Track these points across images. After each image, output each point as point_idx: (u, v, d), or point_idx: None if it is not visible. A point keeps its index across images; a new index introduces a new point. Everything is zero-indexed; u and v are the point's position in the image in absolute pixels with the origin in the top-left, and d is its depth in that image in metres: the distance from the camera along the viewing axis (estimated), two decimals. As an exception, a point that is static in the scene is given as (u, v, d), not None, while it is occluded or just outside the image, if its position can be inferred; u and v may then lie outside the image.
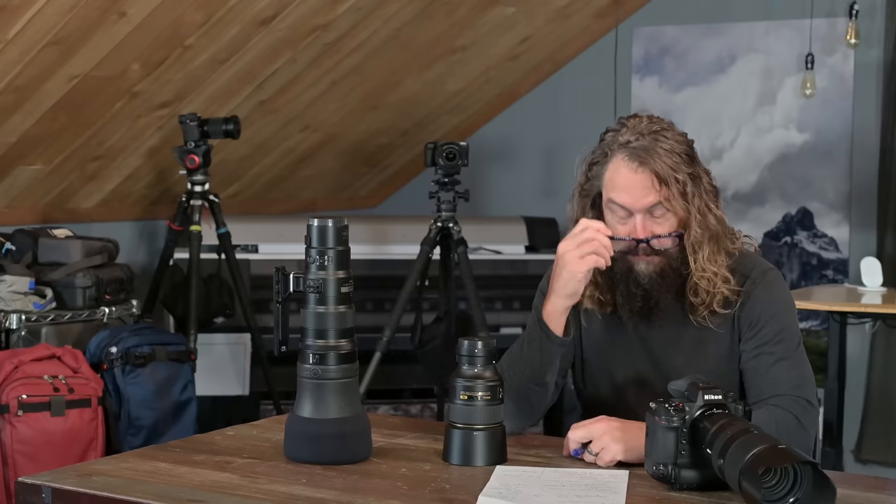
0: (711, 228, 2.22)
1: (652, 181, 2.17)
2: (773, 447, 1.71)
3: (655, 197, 2.18)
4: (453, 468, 2.02)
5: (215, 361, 4.52)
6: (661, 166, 2.17)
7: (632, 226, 2.20)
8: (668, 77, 5.31)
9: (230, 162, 4.91)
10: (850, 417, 4.64)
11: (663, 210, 2.19)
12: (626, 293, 2.22)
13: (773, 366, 2.18)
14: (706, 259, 2.20)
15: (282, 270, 2.05)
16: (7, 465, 3.45)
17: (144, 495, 1.81)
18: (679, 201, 2.18)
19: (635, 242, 2.19)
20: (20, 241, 4.00)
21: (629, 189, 2.18)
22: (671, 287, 2.21)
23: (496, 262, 4.95)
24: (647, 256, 2.20)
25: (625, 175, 2.19)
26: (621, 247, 2.21)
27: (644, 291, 2.20)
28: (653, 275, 2.20)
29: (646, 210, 2.19)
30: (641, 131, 2.20)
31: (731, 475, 1.74)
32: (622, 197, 2.19)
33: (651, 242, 2.19)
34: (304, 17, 4.15)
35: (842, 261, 4.98)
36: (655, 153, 2.17)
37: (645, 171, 2.17)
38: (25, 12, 3.43)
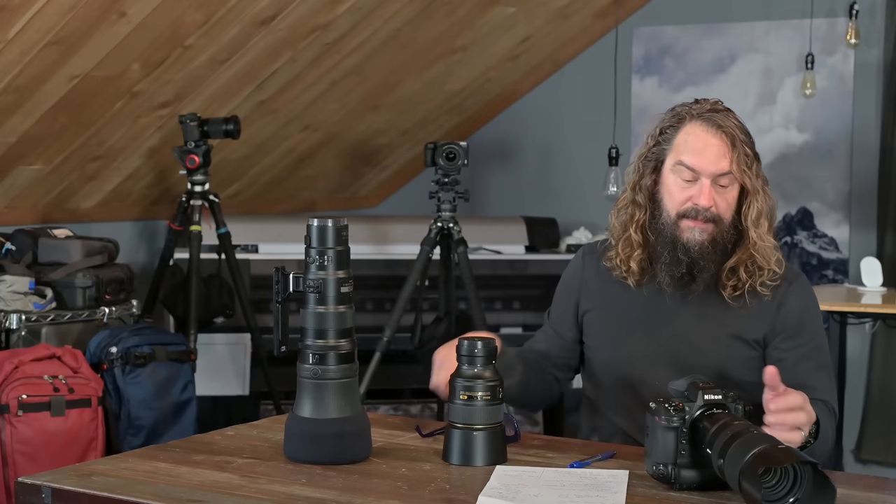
0: (769, 209, 2.26)
1: (727, 148, 2.20)
2: (773, 446, 1.71)
3: (727, 164, 2.20)
4: (453, 468, 2.02)
5: (215, 361, 4.52)
6: (736, 136, 2.21)
7: (695, 190, 2.20)
8: (668, 77, 5.31)
9: (230, 162, 4.91)
10: (850, 417, 4.65)
11: (729, 180, 2.21)
12: (670, 259, 2.22)
13: (814, 371, 2.24)
14: (766, 232, 2.23)
15: (282, 270, 2.05)
16: (7, 465, 3.45)
17: (144, 495, 1.81)
18: (746, 174, 2.21)
19: (694, 206, 2.20)
20: (20, 241, 4.00)
21: (703, 152, 2.21)
22: (716, 260, 2.22)
23: (496, 262, 4.95)
24: (703, 223, 2.20)
25: (701, 137, 2.22)
26: (675, 209, 2.22)
27: (691, 260, 2.21)
28: (704, 243, 2.20)
29: (714, 177, 2.20)
30: (715, 108, 2.26)
31: (731, 475, 1.74)
32: (694, 159, 2.21)
33: (712, 209, 2.20)
34: (304, 17, 4.15)
35: (842, 261, 4.98)
36: (732, 124, 2.23)
37: (721, 137, 2.21)
38: (25, 12, 3.43)
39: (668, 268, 2.23)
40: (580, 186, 5.43)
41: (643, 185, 2.29)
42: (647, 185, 2.29)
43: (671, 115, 2.28)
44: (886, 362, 4.78)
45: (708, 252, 2.21)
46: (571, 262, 2.47)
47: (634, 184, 2.31)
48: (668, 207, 2.24)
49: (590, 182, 5.20)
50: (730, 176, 2.21)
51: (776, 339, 2.26)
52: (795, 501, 1.68)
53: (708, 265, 2.22)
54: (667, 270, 2.23)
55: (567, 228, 5.12)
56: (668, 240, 2.22)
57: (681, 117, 2.26)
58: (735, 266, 2.23)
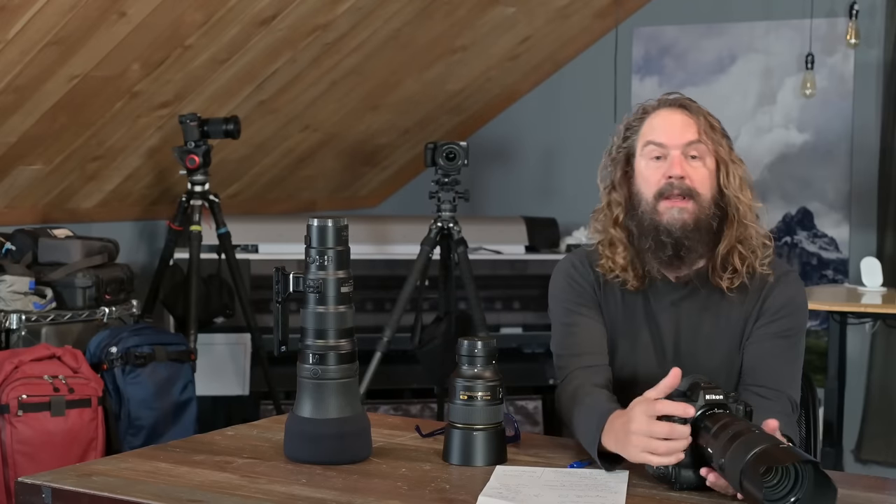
0: (748, 180, 2.24)
1: (692, 120, 2.21)
2: (774, 446, 1.71)
3: (694, 134, 2.20)
4: (453, 468, 2.02)
5: (215, 361, 4.52)
6: (700, 112, 2.23)
7: (667, 165, 2.19)
8: (668, 77, 5.31)
9: (230, 162, 4.91)
10: (850, 417, 4.64)
11: (700, 153, 2.19)
12: (655, 245, 2.18)
13: (776, 357, 2.18)
14: (752, 199, 2.20)
15: (282, 270, 2.05)
16: (7, 465, 3.45)
17: (144, 495, 1.81)
18: (718, 143, 2.20)
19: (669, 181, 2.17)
20: (20, 241, 4.00)
21: (667, 127, 2.21)
22: (702, 240, 2.17)
23: (496, 262, 4.95)
24: (680, 201, 2.17)
25: (664, 116, 2.23)
26: (652, 191, 2.19)
27: (675, 241, 2.16)
28: (685, 223, 2.16)
29: (683, 148, 2.19)
30: (677, 95, 2.28)
31: (732, 474, 1.74)
32: (660, 135, 2.21)
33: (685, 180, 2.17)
34: (304, 17, 4.15)
35: (842, 261, 4.98)
36: (696, 105, 2.25)
37: (684, 112, 2.23)
38: (25, 12, 3.43)
39: (654, 254, 2.18)
40: (580, 186, 5.41)
41: (617, 181, 2.28)
42: (620, 181, 2.27)
43: (636, 110, 2.29)
44: (886, 362, 4.78)
45: (691, 230, 2.16)
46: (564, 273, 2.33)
47: (608, 185, 2.29)
48: (645, 192, 2.21)
49: (590, 182, 5.15)
50: (699, 146, 2.19)
51: (755, 324, 2.22)
52: (797, 501, 1.68)
53: (694, 245, 2.17)
54: (653, 257, 2.19)
55: (567, 228, 5.11)
56: (650, 226, 2.18)
57: (645, 110, 2.27)
58: (728, 251, 2.19)
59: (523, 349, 4.74)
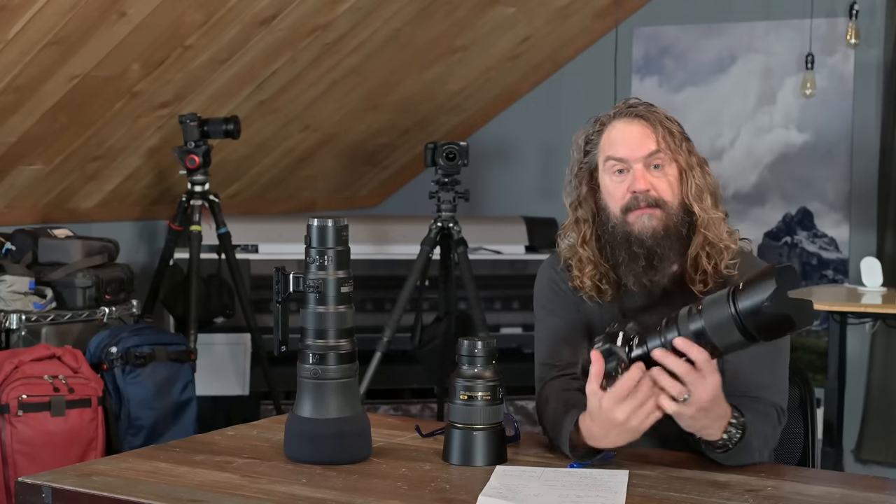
0: (711, 184, 2.21)
1: (650, 130, 2.18)
2: (737, 288, 1.86)
3: (654, 145, 2.16)
4: (453, 468, 2.02)
5: (215, 361, 4.52)
6: (657, 120, 2.19)
7: (630, 179, 2.16)
8: (668, 77, 5.31)
9: (230, 162, 4.91)
10: (850, 417, 4.64)
11: (662, 162, 2.16)
12: (628, 257, 2.16)
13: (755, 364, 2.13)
14: (710, 206, 2.18)
15: (282, 270, 2.05)
16: (7, 465, 3.45)
17: (144, 495, 1.81)
18: (677, 151, 2.17)
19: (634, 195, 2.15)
20: (20, 241, 4.00)
21: (626, 141, 2.18)
22: (673, 247, 2.16)
23: (496, 262, 4.95)
24: (648, 209, 2.15)
25: (621, 129, 2.20)
26: (619, 205, 2.17)
27: (647, 250, 2.14)
28: (656, 230, 2.14)
29: (644, 160, 2.16)
30: (632, 104, 2.24)
31: (722, 324, 1.86)
32: (620, 150, 2.17)
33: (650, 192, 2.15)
34: (304, 17, 4.15)
35: (842, 261, 4.98)
36: (650, 112, 2.21)
37: (642, 122, 2.19)
38: (25, 12, 3.43)
39: (628, 267, 2.17)
40: (580, 186, 5.42)
41: (582, 198, 2.25)
42: (586, 198, 2.24)
43: (593, 123, 2.26)
44: (886, 362, 4.78)
45: (661, 237, 2.14)
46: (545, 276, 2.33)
47: (573, 201, 2.26)
48: (613, 208, 2.18)
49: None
50: (660, 155, 2.16)
51: None
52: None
53: (666, 253, 2.15)
54: (628, 269, 2.17)
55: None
56: (622, 239, 2.17)
57: (602, 122, 2.24)
58: (696, 255, 2.17)
59: (523, 349, 4.74)
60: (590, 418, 1.97)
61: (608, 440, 1.96)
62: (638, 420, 1.92)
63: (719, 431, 1.97)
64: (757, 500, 1.84)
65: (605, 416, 1.92)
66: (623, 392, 1.91)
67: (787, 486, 1.92)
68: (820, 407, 4.29)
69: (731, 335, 1.87)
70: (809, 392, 2.50)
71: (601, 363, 1.93)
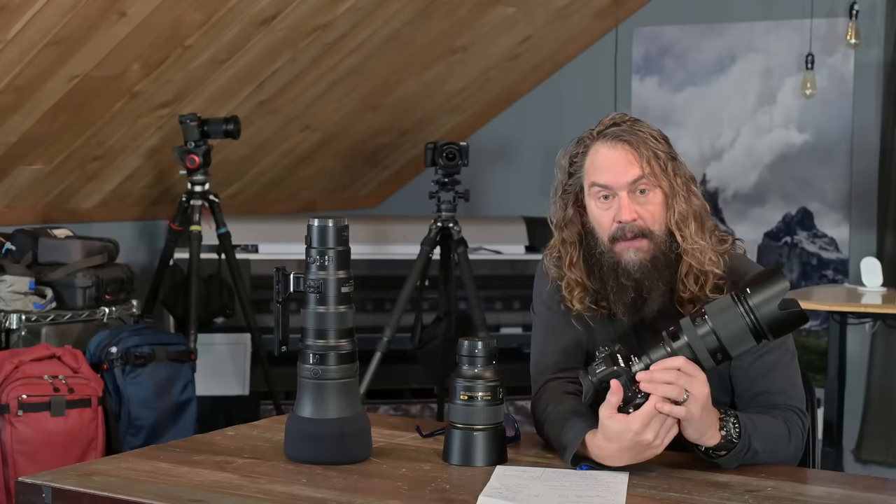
0: (695, 208, 2.18)
1: (633, 155, 2.14)
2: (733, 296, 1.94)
3: (638, 171, 2.13)
4: (453, 468, 2.02)
5: (215, 361, 4.52)
6: (641, 142, 2.15)
7: (616, 207, 2.14)
8: (668, 77, 5.31)
9: (230, 162, 4.91)
10: (850, 417, 4.64)
11: (647, 186, 2.14)
12: (616, 287, 2.15)
13: (766, 374, 2.14)
14: (693, 234, 2.16)
15: (282, 270, 2.05)
16: (7, 465, 3.45)
17: (144, 495, 1.81)
18: (662, 177, 2.14)
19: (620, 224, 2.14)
20: (20, 241, 4.00)
21: (611, 167, 2.14)
22: (662, 276, 2.15)
23: (496, 262, 4.95)
24: (634, 241, 2.13)
25: (605, 154, 2.16)
26: (606, 234, 2.16)
27: (635, 282, 2.13)
28: (643, 262, 2.13)
29: (629, 187, 2.13)
30: (616, 121, 2.20)
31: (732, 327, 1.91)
32: (604, 176, 2.15)
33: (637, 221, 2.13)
34: (304, 17, 4.15)
35: (842, 261, 4.98)
36: (634, 133, 2.17)
37: (625, 147, 2.15)
38: (25, 12, 3.43)
39: (616, 296, 2.16)
40: (580, 186, 5.42)
41: (568, 220, 2.22)
42: (572, 219, 2.22)
43: (576, 143, 2.23)
44: (886, 362, 4.78)
45: (649, 270, 2.13)
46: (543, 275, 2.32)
47: (559, 222, 2.23)
48: (601, 235, 2.17)
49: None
50: (644, 181, 2.13)
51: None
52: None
53: (655, 284, 2.14)
54: (617, 299, 2.16)
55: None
56: (610, 268, 2.15)
57: (585, 143, 2.20)
58: (684, 278, 2.16)
59: (523, 349, 4.74)
60: (606, 440, 1.96)
61: (622, 460, 1.96)
62: (662, 438, 1.94)
63: (717, 432, 1.97)
64: (757, 500, 1.84)
65: (633, 438, 1.93)
66: (651, 414, 1.92)
67: (787, 486, 1.92)
68: (820, 407, 4.29)
69: (742, 335, 1.92)
70: (810, 392, 2.50)
71: (621, 394, 1.94)
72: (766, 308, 1.92)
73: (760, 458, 2.02)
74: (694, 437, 1.97)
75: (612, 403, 1.94)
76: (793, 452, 2.11)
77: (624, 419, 1.93)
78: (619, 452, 1.95)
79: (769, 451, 2.04)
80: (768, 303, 1.92)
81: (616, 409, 1.94)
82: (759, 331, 1.93)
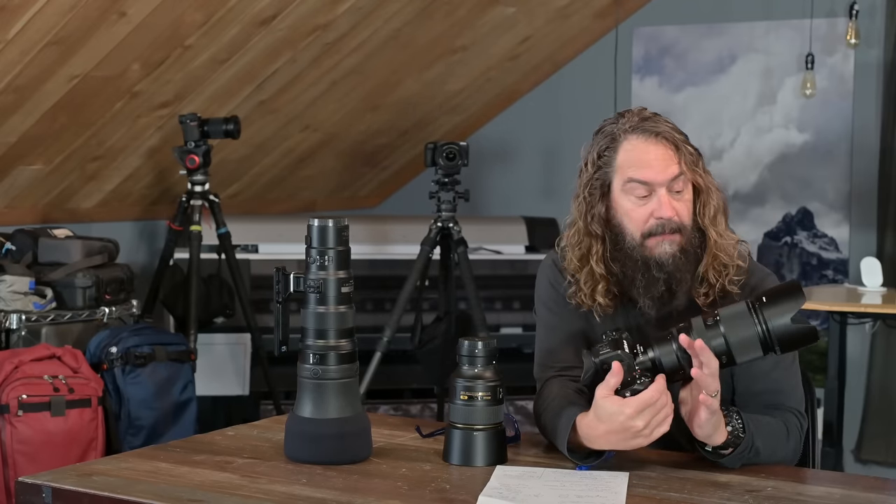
0: (723, 202, 2.20)
1: (672, 151, 2.14)
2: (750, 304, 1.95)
3: (677, 168, 2.13)
4: (453, 468, 2.02)
5: (215, 361, 4.52)
6: (676, 137, 2.16)
7: (654, 204, 2.13)
8: (668, 77, 5.31)
9: (230, 162, 4.91)
10: (850, 417, 4.65)
11: (683, 183, 2.15)
12: (646, 281, 2.14)
13: (769, 373, 2.15)
14: (724, 230, 2.18)
15: (282, 270, 2.05)
16: (7, 465, 3.45)
17: (144, 495, 1.82)
18: (696, 173, 2.16)
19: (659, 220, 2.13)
20: (20, 241, 4.00)
21: (651, 163, 2.14)
22: (690, 269, 2.16)
23: (496, 262, 4.95)
24: (670, 235, 2.13)
25: (643, 149, 2.15)
26: (639, 230, 2.15)
27: (667, 275, 2.13)
28: (676, 255, 2.13)
29: (668, 184, 2.13)
30: (643, 116, 2.20)
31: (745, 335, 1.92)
32: (645, 173, 2.13)
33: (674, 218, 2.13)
34: (304, 17, 4.15)
35: (842, 261, 4.98)
36: (667, 127, 2.17)
37: (663, 142, 2.15)
38: (25, 12, 3.43)
39: (645, 290, 2.15)
40: (580, 186, 5.42)
41: (595, 214, 2.20)
42: (599, 214, 2.20)
43: (603, 136, 2.20)
44: (886, 362, 4.78)
45: (681, 262, 2.14)
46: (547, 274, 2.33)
47: (585, 214, 2.22)
48: (631, 230, 2.16)
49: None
50: (682, 178, 2.14)
51: None
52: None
53: (684, 276, 2.15)
54: (645, 293, 2.15)
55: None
56: (639, 262, 2.14)
57: (614, 136, 2.18)
58: (705, 271, 2.17)
59: (523, 349, 4.74)
60: (597, 419, 1.96)
61: (608, 443, 1.97)
62: (651, 429, 1.94)
63: (724, 430, 1.98)
64: (757, 500, 1.84)
65: (624, 422, 1.93)
66: (647, 402, 1.93)
67: (787, 486, 1.92)
68: (820, 407, 4.29)
69: (751, 344, 1.94)
70: (809, 392, 2.51)
71: (621, 376, 1.95)
72: (779, 321, 1.92)
73: (761, 458, 2.03)
74: (703, 434, 1.97)
75: (611, 385, 1.95)
76: (791, 453, 2.12)
77: (618, 401, 1.94)
78: (607, 434, 1.96)
79: (769, 450, 2.05)
80: (782, 316, 1.92)
81: (613, 391, 1.95)
82: (768, 342, 1.93)
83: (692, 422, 1.97)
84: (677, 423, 1.98)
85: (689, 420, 1.98)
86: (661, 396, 1.94)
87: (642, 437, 1.95)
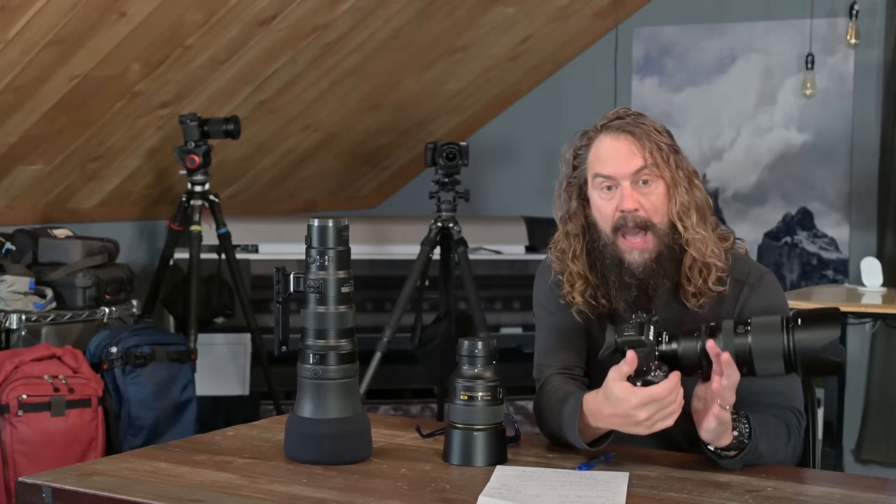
0: (697, 200, 2.19)
1: (636, 146, 2.16)
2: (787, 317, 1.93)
3: (640, 161, 2.14)
4: (453, 468, 2.02)
5: (215, 361, 4.52)
6: (644, 134, 2.17)
7: (618, 197, 2.15)
8: (668, 77, 5.31)
9: (230, 162, 4.91)
10: (850, 417, 4.64)
11: (649, 177, 2.15)
12: (619, 284, 2.16)
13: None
14: (695, 224, 2.17)
15: (282, 270, 2.05)
16: (7, 465, 3.45)
17: (144, 495, 1.81)
18: (664, 168, 2.16)
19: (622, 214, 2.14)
20: (20, 241, 4.00)
21: (613, 156, 2.16)
22: (667, 272, 2.16)
23: (496, 262, 4.95)
24: (637, 237, 2.14)
25: (608, 145, 2.18)
26: (609, 225, 2.16)
27: (639, 282, 2.14)
28: (647, 263, 2.14)
29: (631, 177, 2.14)
30: (620, 115, 2.22)
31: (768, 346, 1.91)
32: (607, 167, 2.16)
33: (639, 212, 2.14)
34: (304, 17, 4.15)
35: (842, 261, 4.98)
36: (637, 125, 2.19)
37: (628, 138, 2.17)
38: (25, 12, 3.43)
39: (619, 293, 2.16)
40: (580, 186, 5.42)
41: (572, 213, 2.23)
42: (576, 212, 2.23)
43: (580, 136, 2.24)
44: (886, 362, 4.78)
45: (653, 270, 2.14)
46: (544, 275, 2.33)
47: (563, 215, 2.25)
48: (603, 226, 2.18)
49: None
50: (647, 171, 2.15)
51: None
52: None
53: (661, 282, 2.15)
54: (619, 295, 2.17)
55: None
56: (613, 262, 2.16)
57: (589, 136, 2.22)
58: (689, 272, 2.17)
59: (523, 349, 4.74)
60: (605, 399, 1.97)
61: (610, 423, 1.99)
62: (652, 422, 1.94)
63: (730, 433, 1.99)
64: (757, 500, 1.84)
65: (628, 410, 1.94)
66: (654, 397, 1.93)
67: (787, 486, 1.92)
68: (820, 407, 4.29)
69: (775, 359, 1.93)
70: (810, 392, 2.50)
71: (634, 366, 1.95)
72: (809, 347, 1.91)
73: (763, 459, 2.03)
74: (708, 438, 1.98)
75: (623, 372, 1.95)
76: (790, 454, 2.13)
77: (628, 388, 1.94)
78: (611, 417, 1.97)
79: (771, 451, 2.05)
80: (813, 343, 1.90)
81: (625, 378, 1.95)
82: (791, 363, 1.92)
83: (700, 426, 1.97)
84: (681, 423, 1.97)
85: (697, 422, 1.98)
86: (670, 394, 1.93)
87: (643, 426, 1.95)
